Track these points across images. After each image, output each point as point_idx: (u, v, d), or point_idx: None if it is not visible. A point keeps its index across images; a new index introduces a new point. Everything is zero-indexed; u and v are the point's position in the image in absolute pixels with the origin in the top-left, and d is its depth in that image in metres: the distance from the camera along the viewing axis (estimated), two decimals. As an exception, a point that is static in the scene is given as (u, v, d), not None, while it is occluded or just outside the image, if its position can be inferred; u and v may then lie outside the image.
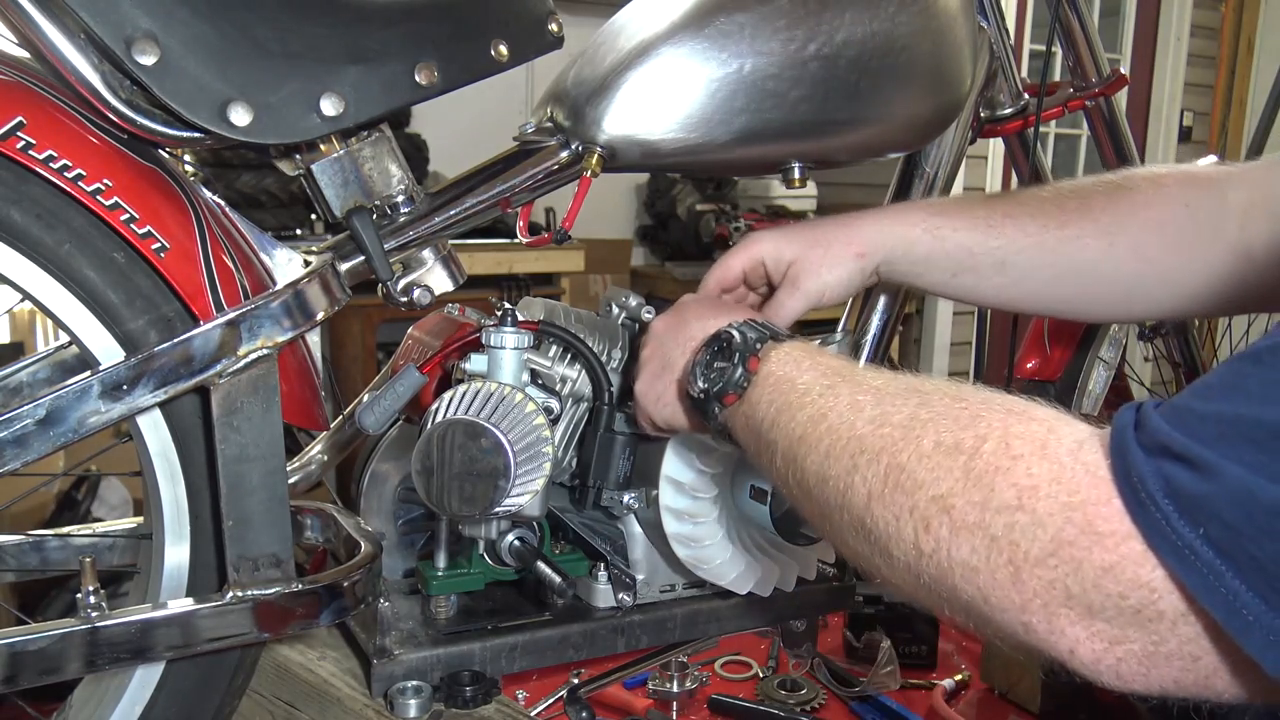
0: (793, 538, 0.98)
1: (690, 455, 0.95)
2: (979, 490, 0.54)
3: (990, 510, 0.53)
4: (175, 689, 0.81)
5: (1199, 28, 4.65)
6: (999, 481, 0.53)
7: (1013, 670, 1.31)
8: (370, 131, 0.89)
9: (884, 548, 0.59)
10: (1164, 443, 0.48)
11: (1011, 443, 0.54)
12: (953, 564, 0.54)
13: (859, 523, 0.61)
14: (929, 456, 0.57)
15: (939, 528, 0.55)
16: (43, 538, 0.98)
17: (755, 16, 0.91)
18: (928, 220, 0.95)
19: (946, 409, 0.59)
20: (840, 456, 0.63)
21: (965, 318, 3.92)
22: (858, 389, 0.66)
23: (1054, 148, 4.32)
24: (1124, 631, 0.50)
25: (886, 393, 0.64)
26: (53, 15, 0.72)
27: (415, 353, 1.01)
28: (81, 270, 0.73)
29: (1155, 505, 0.48)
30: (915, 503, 0.57)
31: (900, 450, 0.59)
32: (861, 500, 0.60)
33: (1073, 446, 0.52)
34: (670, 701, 1.22)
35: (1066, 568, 0.50)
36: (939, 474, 0.56)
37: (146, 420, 0.77)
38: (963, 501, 0.54)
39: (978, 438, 0.56)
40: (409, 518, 1.08)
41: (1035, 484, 0.52)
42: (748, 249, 0.97)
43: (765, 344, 0.75)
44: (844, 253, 0.94)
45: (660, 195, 4.08)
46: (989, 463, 0.54)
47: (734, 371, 0.75)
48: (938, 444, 0.57)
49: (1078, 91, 1.33)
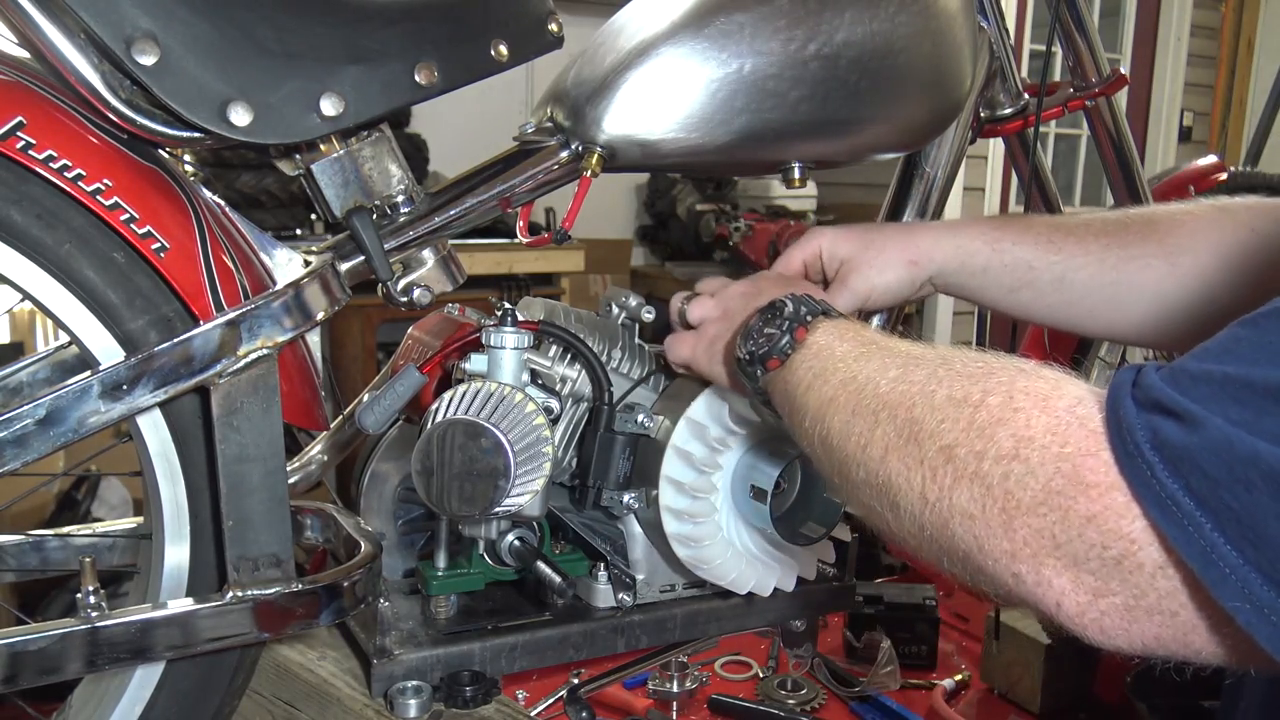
0: (793, 538, 0.98)
1: (690, 455, 0.95)
2: (980, 440, 0.56)
3: (988, 459, 0.55)
4: (175, 689, 0.81)
5: (1199, 28, 4.65)
6: (999, 432, 0.55)
7: (1013, 670, 1.31)
8: (370, 131, 0.89)
9: (893, 500, 0.61)
10: (1156, 398, 0.50)
11: (1015, 396, 0.56)
12: (952, 511, 0.56)
13: (874, 476, 0.63)
14: (939, 409, 0.59)
15: (943, 476, 0.57)
16: (43, 538, 0.98)
17: (755, 16, 0.91)
18: (987, 234, 0.96)
19: (964, 367, 0.61)
20: (863, 413, 0.65)
21: (965, 317, 3.92)
22: (889, 355, 0.68)
23: (1054, 148, 4.32)
24: (1106, 583, 0.51)
25: (914, 356, 0.66)
26: (53, 15, 0.72)
27: (415, 353, 1.01)
28: (81, 270, 0.73)
29: (1141, 457, 0.49)
30: (925, 454, 0.59)
31: (915, 403, 0.61)
32: (879, 454, 0.62)
33: (1071, 402, 0.54)
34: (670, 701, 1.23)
35: (1054, 515, 0.52)
36: (946, 424, 0.58)
37: (146, 420, 0.77)
38: (965, 451, 0.56)
39: (984, 391, 0.58)
40: (409, 518, 1.08)
41: (1031, 434, 0.54)
42: (807, 243, 0.99)
43: (816, 317, 0.78)
44: (897, 258, 0.95)
45: (660, 195, 4.09)
46: (992, 414, 0.56)
47: (781, 338, 0.77)
48: (949, 397, 0.59)
49: (1078, 91, 1.33)
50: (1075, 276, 0.94)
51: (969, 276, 0.96)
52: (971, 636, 1.46)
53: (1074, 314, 0.97)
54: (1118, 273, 0.93)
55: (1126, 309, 0.94)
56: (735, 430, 0.97)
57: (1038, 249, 0.95)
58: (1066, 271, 0.94)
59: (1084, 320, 0.98)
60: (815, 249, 0.98)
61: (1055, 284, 0.95)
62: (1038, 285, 0.95)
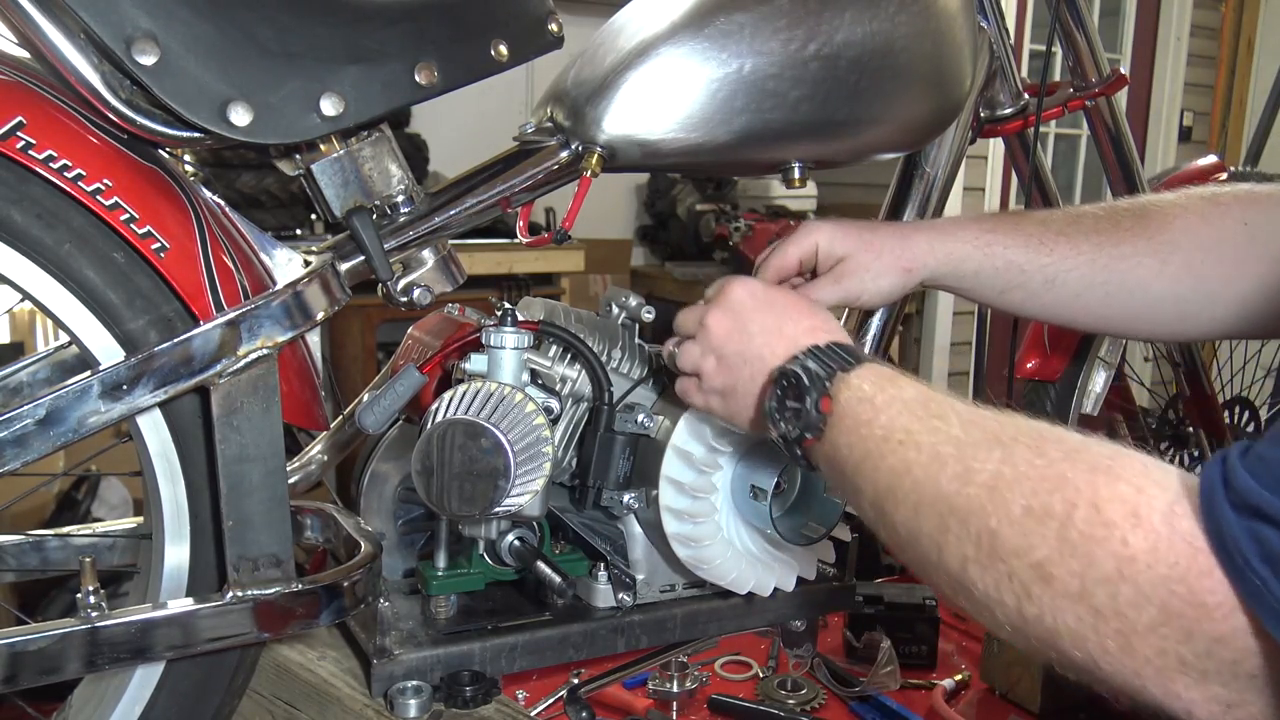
0: (793, 538, 0.98)
1: (690, 455, 0.95)
2: (1076, 559, 0.54)
3: (1090, 580, 0.53)
4: (175, 689, 0.81)
5: (1199, 28, 4.65)
6: (1096, 551, 0.53)
7: (1013, 670, 1.31)
8: (370, 131, 0.89)
9: (986, 609, 0.60)
10: (1254, 504, 0.48)
11: (1103, 508, 0.54)
12: (1059, 630, 0.55)
13: (956, 582, 0.61)
14: (1019, 522, 0.57)
15: (1040, 596, 0.55)
16: (43, 538, 0.98)
17: (755, 16, 0.91)
18: (979, 237, 0.95)
19: (1030, 466, 0.59)
20: (929, 515, 0.63)
21: (965, 317, 3.92)
22: (938, 438, 0.65)
23: (1054, 148, 4.32)
24: (1241, 695, 0.50)
25: (968, 444, 0.63)
26: (53, 15, 0.72)
27: (415, 353, 1.01)
28: (81, 270, 0.73)
29: (1253, 571, 0.48)
30: (1012, 569, 0.57)
31: (989, 514, 0.58)
32: (956, 562, 0.60)
33: (1165, 511, 0.52)
34: (670, 701, 1.22)
35: (1177, 636, 0.51)
36: (1033, 540, 0.56)
37: (146, 420, 0.77)
38: (1062, 570, 0.54)
39: (1067, 502, 0.55)
40: (409, 518, 1.08)
41: (1132, 554, 0.52)
42: (805, 237, 0.97)
43: (834, 379, 0.74)
44: (893, 264, 0.95)
45: (660, 195, 4.09)
46: (1083, 531, 0.54)
47: (808, 415, 0.74)
48: (1027, 509, 0.57)
49: (1078, 91, 1.33)
50: (1067, 277, 0.94)
51: (960, 280, 0.97)
52: (971, 636, 1.46)
53: (1067, 312, 0.97)
54: (1109, 272, 0.93)
55: (1119, 307, 0.95)
56: (735, 430, 0.97)
57: (1028, 251, 0.94)
58: (1058, 273, 0.94)
59: (1077, 317, 0.98)
60: (812, 245, 0.97)
61: (1047, 285, 0.95)
62: (1029, 287, 0.95)
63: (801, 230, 0.98)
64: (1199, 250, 0.90)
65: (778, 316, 0.83)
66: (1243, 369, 2.03)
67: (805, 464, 0.77)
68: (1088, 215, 0.96)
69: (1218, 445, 1.78)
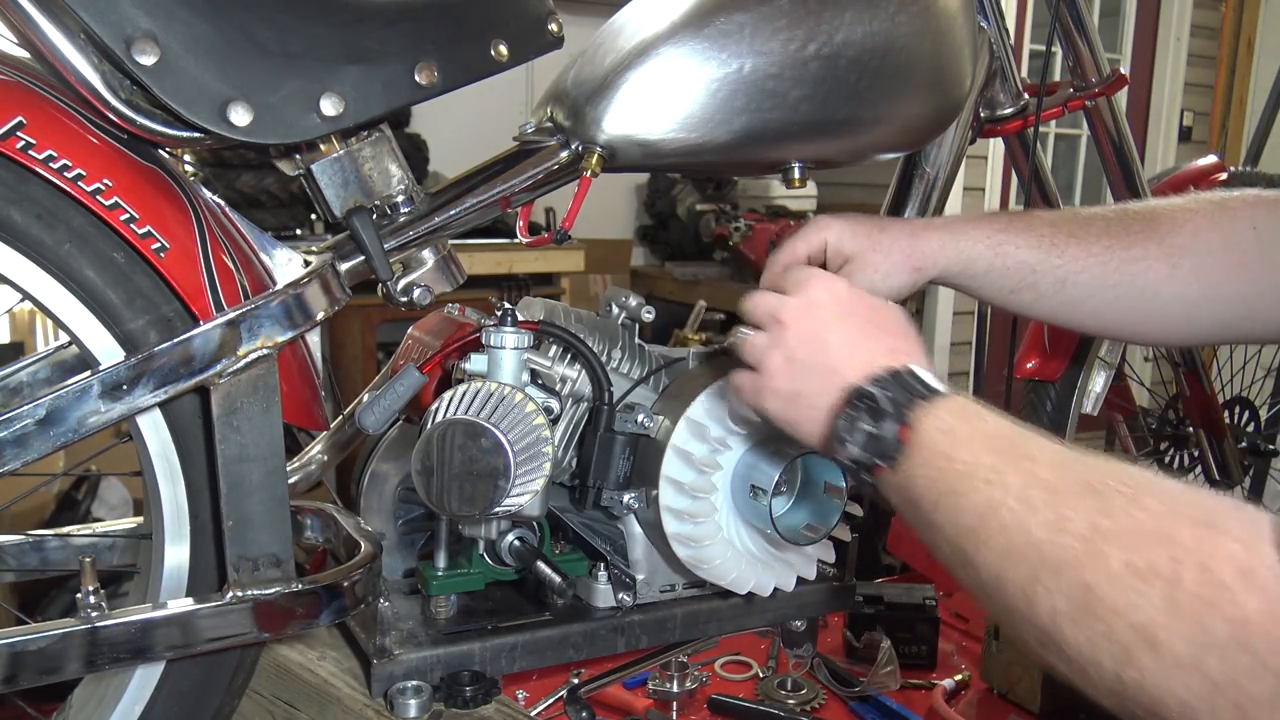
0: (793, 538, 0.98)
1: (690, 455, 0.95)
2: (1185, 624, 0.51)
3: (1202, 647, 0.51)
4: (175, 689, 0.81)
5: (1199, 28, 4.65)
6: (1207, 616, 0.51)
7: (1013, 670, 1.31)
8: (370, 131, 0.89)
9: (1079, 667, 0.57)
10: None
11: (1211, 566, 0.52)
12: (1165, 698, 0.53)
13: (1045, 635, 0.59)
14: (1120, 578, 0.54)
15: (1144, 660, 0.53)
16: (43, 538, 0.98)
17: (755, 16, 0.91)
18: (991, 236, 0.95)
19: (1128, 518, 0.56)
20: (1018, 563, 0.60)
21: (965, 317, 3.91)
22: (1026, 480, 0.62)
23: (1054, 148, 4.31)
24: None
25: (1059, 490, 0.60)
26: (53, 15, 0.72)
27: (415, 353, 1.01)
28: (81, 270, 0.73)
29: None
30: (1111, 629, 0.54)
31: (1085, 567, 0.56)
32: (1046, 614, 0.58)
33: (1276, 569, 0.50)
34: (670, 701, 1.22)
35: None
36: (1136, 599, 0.53)
37: (146, 420, 0.77)
38: (1169, 635, 0.52)
39: (1173, 560, 0.53)
40: (409, 518, 1.08)
41: (1247, 616, 0.50)
42: (814, 234, 0.97)
43: (914, 406, 0.70)
44: (903, 263, 0.95)
45: (660, 195, 4.09)
46: (1192, 594, 0.52)
47: (884, 441, 0.70)
48: (1128, 565, 0.54)
49: (1078, 91, 1.33)
50: (1077, 279, 0.94)
51: (971, 279, 0.97)
52: (971, 636, 1.46)
53: (1075, 314, 0.97)
54: (1119, 275, 0.93)
55: (1128, 310, 0.94)
56: (735, 430, 0.97)
57: (1040, 251, 0.94)
58: (1069, 275, 0.94)
59: (1085, 320, 0.98)
60: (821, 242, 0.97)
61: (1057, 286, 0.94)
62: (1039, 287, 0.95)
63: (811, 226, 0.98)
64: (1209, 254, 0.90)
65: (860, 329, 0.79)
66: (1243, 369, 2.03)
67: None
68: (1098, 217, 0.96)
69: (1218, 445, 1.78)
